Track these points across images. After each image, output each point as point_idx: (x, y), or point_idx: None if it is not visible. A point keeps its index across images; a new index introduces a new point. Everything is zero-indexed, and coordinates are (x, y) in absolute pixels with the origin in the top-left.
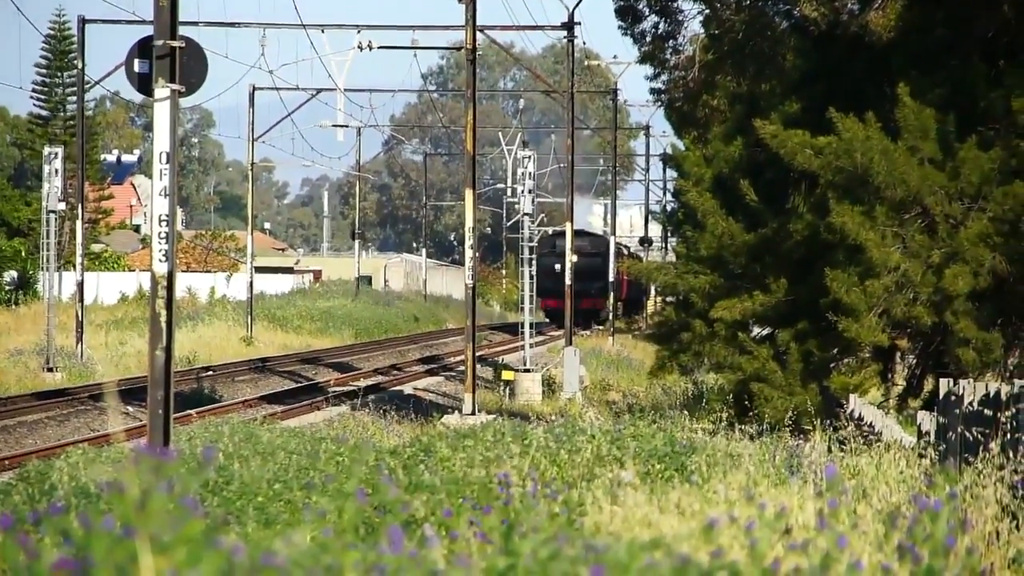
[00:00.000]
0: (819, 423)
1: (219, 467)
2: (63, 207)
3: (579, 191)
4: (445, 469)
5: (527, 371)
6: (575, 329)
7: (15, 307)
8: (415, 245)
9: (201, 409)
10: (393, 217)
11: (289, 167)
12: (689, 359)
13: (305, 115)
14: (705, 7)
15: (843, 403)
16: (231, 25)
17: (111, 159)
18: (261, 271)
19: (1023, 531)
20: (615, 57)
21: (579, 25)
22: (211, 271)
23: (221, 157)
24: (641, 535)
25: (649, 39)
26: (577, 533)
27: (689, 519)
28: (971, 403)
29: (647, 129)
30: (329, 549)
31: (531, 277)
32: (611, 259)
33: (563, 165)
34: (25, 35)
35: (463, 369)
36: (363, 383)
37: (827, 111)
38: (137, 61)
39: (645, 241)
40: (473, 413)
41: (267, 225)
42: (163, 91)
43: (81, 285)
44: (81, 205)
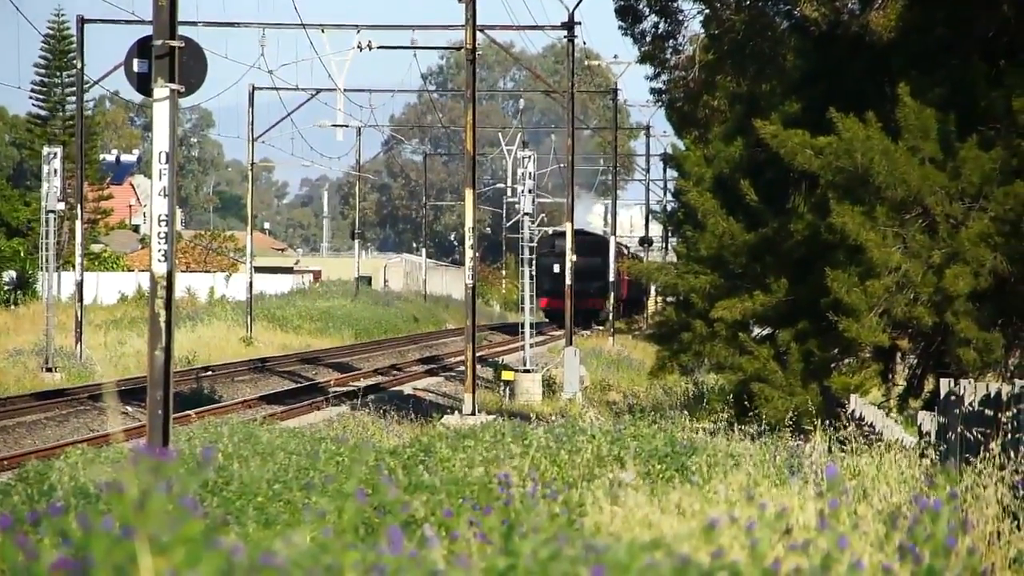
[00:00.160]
0: (820, 423)
1: (218, 467)
2: (62, 207)
3: (579, 191)
4: (445, 469)
5: (527, 371)
6: (575, 329)
7: (14, 307)
8: (415, 245)
9: (200, 409)
10: (393, 217)
11: (289, 167)
12: (689, 359)
13: (305, 115)
14: (705, 7)
15: (844, 403)
16: (230, 25)
17: (110, 159)
18: (261, 271)
19: None
20: (615, 57)
21: (579, 25)
22: (210, 271)
23: (220, 157)
24: (641, 535)
25: (649, 39)
26: (577, 533)
27: (689, 519)
28: (972, 403)
29: (647, 129)
30: (329, 549)
31: (531, 277)
32: (611, 259)
33: (563, 165)
34: (24, 35)
35: (463, 369)
36: (363, 383)
37: (827, 111)
38: (136, 61)
39: (645, 241)
40: (473, 413)
41: (267, 225)
42: (162, 91)
43: (80, 285)
44: (80, 205)
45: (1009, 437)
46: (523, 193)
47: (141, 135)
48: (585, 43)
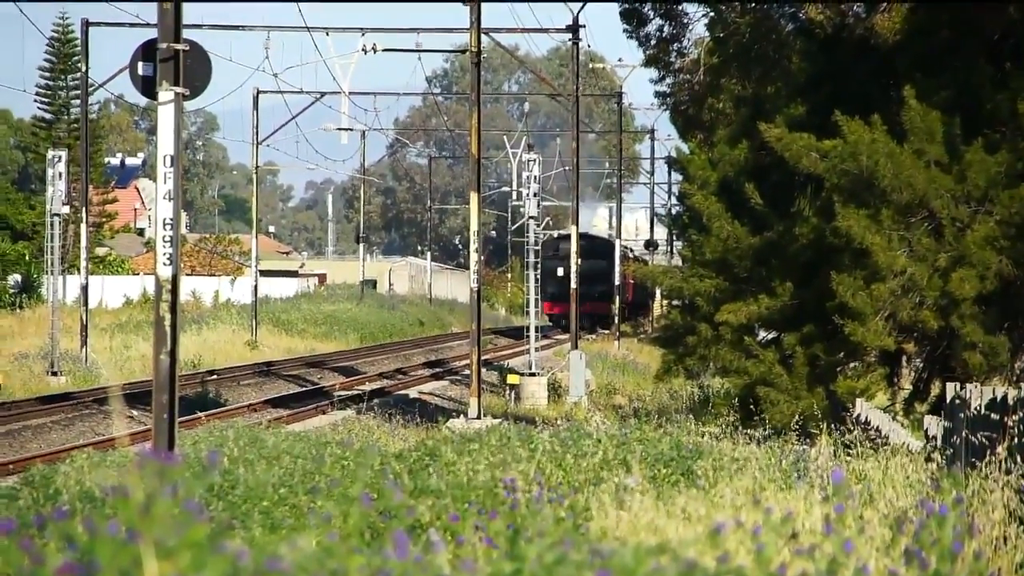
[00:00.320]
0: (825, 427)
1: (224, 471)
2: (67, 210)
3: (584, 194)
4: (451, 474)
5: (533, 375)
6: (580, 333)
7: (19, 311)
8: (420, 248)
9: (206, 413)
10: (398, 220)
11: (293, 170)
12: (695, 363)
13: (309, 118)
14: (710, 10)
15: (849, 407)
16: (235, 28)
17: (115, 162)
18: (266, 275)
19: None
20: (620, 60)
21: (584, 28)
22: (215, 275)
23: (225, 160)
24: (647, 540)
25: (654, 42)
26: (583, 538)
27: (695, 524)
28: (978, 407)
29: (652, 132)
30: (334, 554)
31: (536, 280)
32: (616, 262)
33: (568, 168)
34: (29, 38)
35: (468, 373)
36: (368, 387)
37: (833, 114)
38: (141, 64)
39: (650, 244)
40: (478, 417)
41: (271, 228)
42: (167, 94)
43: (85, 289)
44: (85, 208)
45: (1015, 441)
46: (528, 197)
47: (146, 138)
48: (590, 46)
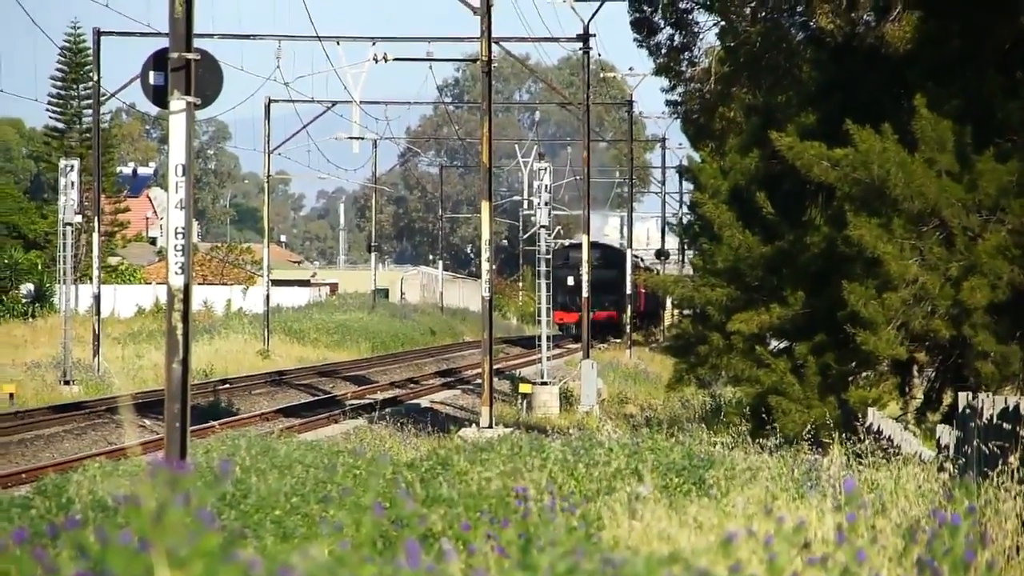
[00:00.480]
0: (837, 436)
1: (236, 480)
2: (79, 219)
3: (595, 203)
4: (463, 483)
5: (544, 384)
6: (592, 342)
7: (32, 320)
8: (431, 257)
9: (218, 422)
10: (409, 229)
11: (305, 179)
12: (706, 372)
13: (321, 127)
14: (721, 19)
15: (861, 417)
16: (246, 37)
17: (127, 171)
18: (277, 284)
19: None
20: (631, 69)
21: (594, 37)
22: (227, 284)
23: (237, 169)
24: (659, 549)
25: (664, 51)
26: (595, 547)
27: (707, 533)
28: (990, 416)
29: (663, 141)
30: (346, 563)
31: (547, 289)
32: (627, 272)
33: (579, 177)
34: (40, 47)
35: (480, 382)
36: (380, 396)
37: (843, 123)
38: (152, 73)
39: (661, 253)
40: (490, 426)
41: (283, 238)
42: (178, 103)
43: (98, 298)
44: (97, 217)
45: None
46: (539, 205)
47: (157, 147)
48: (600, 55)
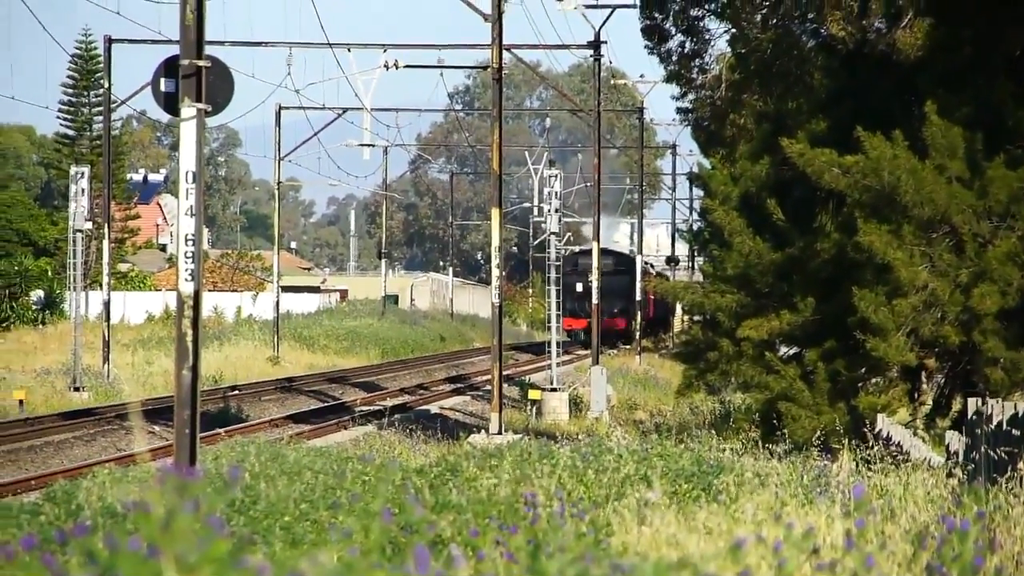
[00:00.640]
0: (847, 443)
1: (245, 487)
2: (89, 227)
3: (605, 210)
4: (472, 489)
5: (554, 390)
6: (601, 348)
7: (42, 327)
8: (442, 264)
9: (228, 428)
10: (419, 236)
11: (315, 186)
12: (716, 378)
13: (331, 134)
14: (731, 26)
15: (870, 423)
16: (257, 44)
17: (137, 178)
18: (287, 290)
19: None
20: (641, 76)
21: (605, 44)
22: (237, 290)
23: (247, 176)
24: (668, 555)
25: (675, 58)
26: (604, 553)
27: (716, 539)
28: (999, 422)
29: (674, 148)
30: (355, 569)
31: (557, 296)
32: (637, 278)
33: (589, 184)
34: (52, 55)
35: (489, 388)
36: (389, 402)
37: (854, 130)
38: (163, 80)
39: (672, 260)
40: (500, 432)
41: (293, 244)
42: (189, 110)
43: (108, 304)
44: (107, 224)
45: None
46: (549, 212)
47: (168, 154)
48: (611, 62)
